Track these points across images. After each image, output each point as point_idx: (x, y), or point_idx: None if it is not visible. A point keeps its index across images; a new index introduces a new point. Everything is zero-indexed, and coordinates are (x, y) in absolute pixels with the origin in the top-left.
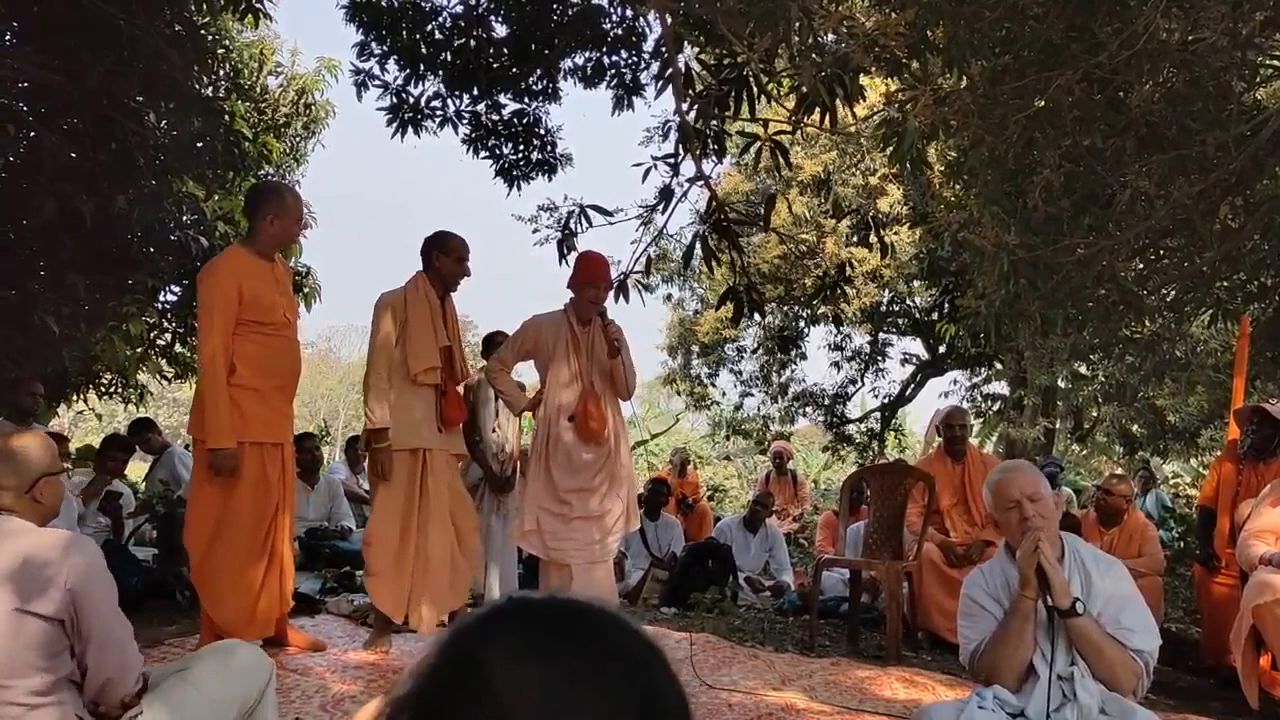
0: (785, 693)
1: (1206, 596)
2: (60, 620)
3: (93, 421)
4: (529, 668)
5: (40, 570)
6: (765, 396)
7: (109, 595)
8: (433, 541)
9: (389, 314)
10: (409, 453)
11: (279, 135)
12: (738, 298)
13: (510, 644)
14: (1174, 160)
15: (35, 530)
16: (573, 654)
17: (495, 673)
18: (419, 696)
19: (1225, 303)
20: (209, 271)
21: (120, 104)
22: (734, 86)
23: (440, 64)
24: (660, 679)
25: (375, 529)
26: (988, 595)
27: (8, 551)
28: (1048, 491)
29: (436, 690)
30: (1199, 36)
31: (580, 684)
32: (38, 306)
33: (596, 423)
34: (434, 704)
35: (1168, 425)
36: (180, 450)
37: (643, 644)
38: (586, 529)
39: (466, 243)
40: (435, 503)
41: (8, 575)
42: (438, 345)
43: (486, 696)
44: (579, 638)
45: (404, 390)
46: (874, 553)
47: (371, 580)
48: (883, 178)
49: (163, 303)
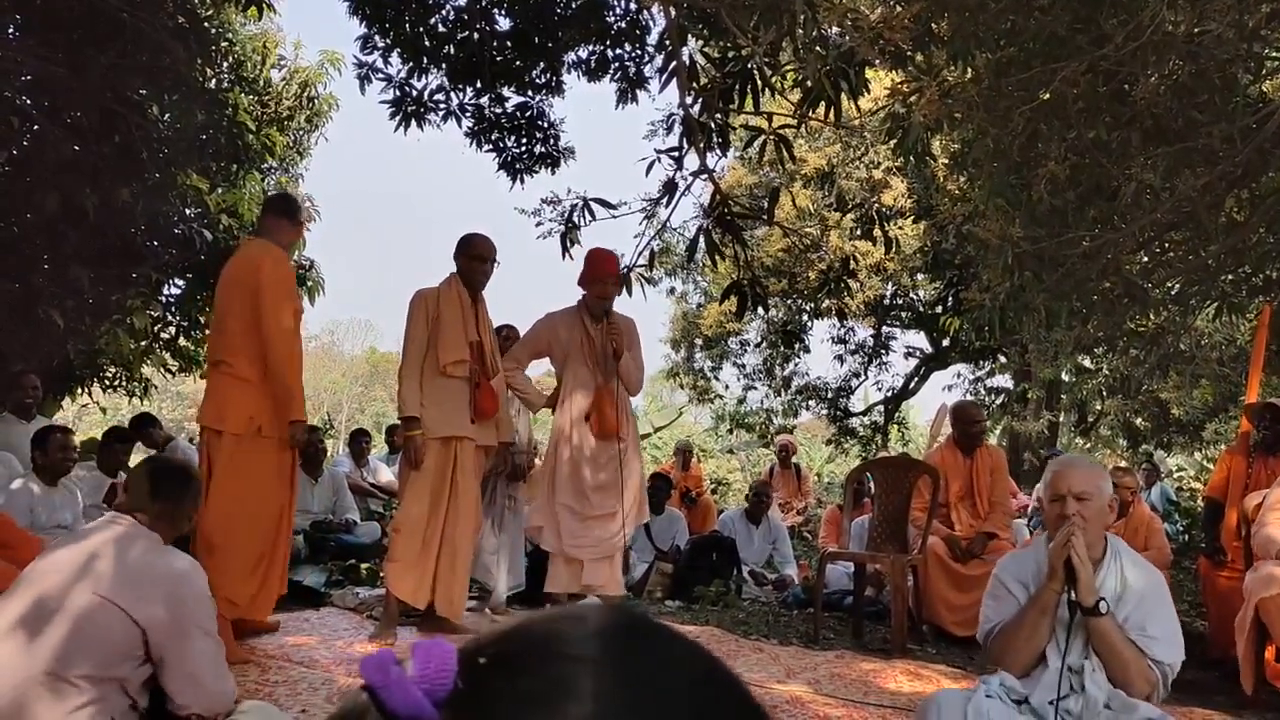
0: (790, 686)
1: (1212, 590)
2: (143, 629)
3: (97, 415)
4: (598, 683)
5: (147, 576)
6: (768, 390)
7: (205, 625)
8: (460, 529)
9: (422, 309)
10: (441, 441)
11: (282, 128)
12: (741, 291)
13: (585, 655)
14: (1179, 153)
15: (160, 545)
16: (636, 671)
17: (564, 681)
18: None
19: (1230, 296)
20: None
21: (124, 97)
22: (738, 80)
23: (443, 57)
24: (718, 699)
25: (404, 515)
26: (1016, 580)
27: (127, 551)
28: (1103, 492)
29: (507, 676)
30: (1205, 28)
31: (637, 705)
32: (42, 300)
33: (612, 421)
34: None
35: (1172, 419)
36: (184, 444)
37: (703, 663)
38: (603, 525)
39: (489, 242)
40: (465, 490)
41: (115, 570)
42: (466, 340)
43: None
44: (644, 655)
45: (436, 381)
46: (878, 546)
47: (392, 566)
48: (887, 171)
49: (166, 296)
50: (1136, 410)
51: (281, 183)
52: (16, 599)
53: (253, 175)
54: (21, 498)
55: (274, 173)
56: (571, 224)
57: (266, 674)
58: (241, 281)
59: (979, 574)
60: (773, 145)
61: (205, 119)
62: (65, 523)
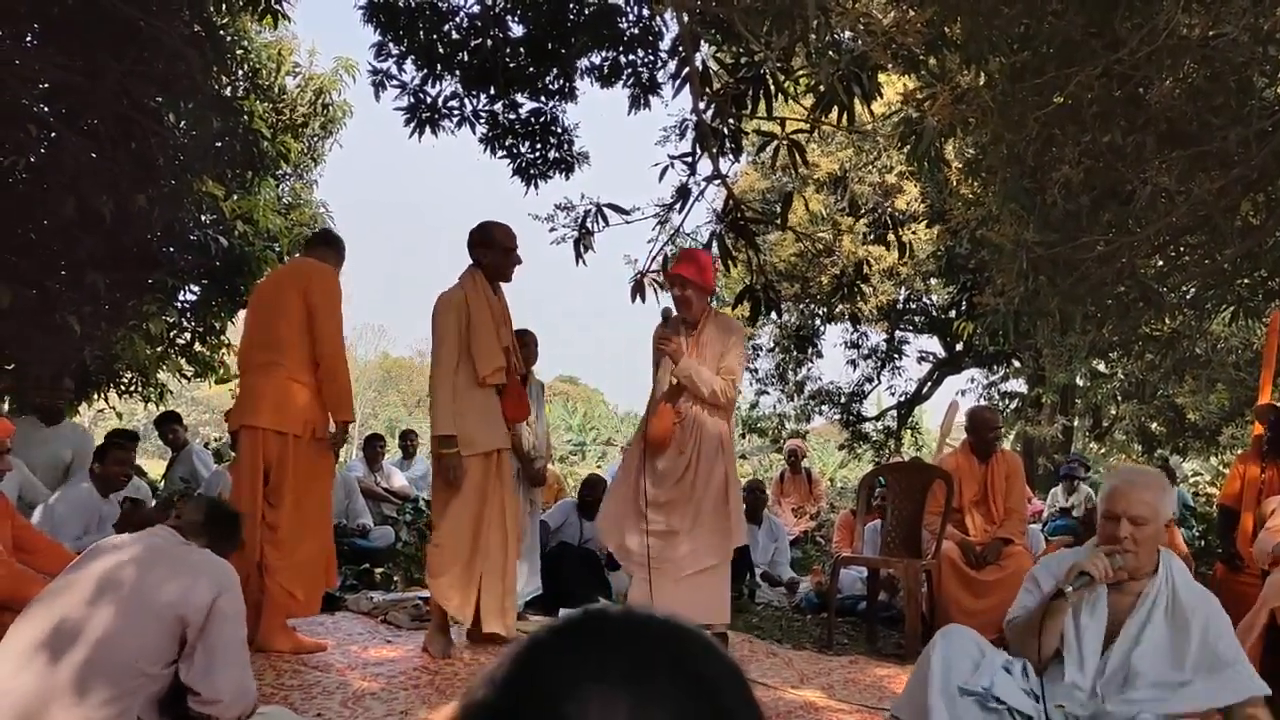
0: (804, 691)
1: (1229, 595)
2: (185, 625)
3: (113, 420)
4: (598, 689)
5: (187, 568)
6: (781, 395)
7: (236, 623)
8: (497, 541)
9: (453, 316)
10: (482, 456)
11: (297, 135)
12: (755, 296)
13: (581, 662)
14: (1194, 157)
15: (205, 552)
16: (639, 675)
17: (563, 692)
18: (489, 710)
19: (1246, 300)
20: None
21: (139, 104)
22: (751, 85)
23: (457, 64)
24: (733, 703)
25: (447, 533)
26: (1050, 578)
27: (164, 548)
28: (1160, 515)
29: (506, 705)
30: (1220, 31)
31: (648, 707)
32: (59, 305)
33: (660, 432)
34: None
35: (1187, 423)
36: (199, 449)
37: (719, 665)
38: (682, 540)
39: (510, 230)
40: (507, 502)
41: (155, 564)
42: (500, 345)
43: (556, 717)
44: (650, 658)
45: (473, 393)
46: (892, 551)
47: (436, 583)
48: (900, 175)
49: (182, 302)
50: (1152, 415)
51: (296, 189)
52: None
53: (268, 182)
54: (79, 501)
55: (288, 179)
56: (585, 229)
57: (281, 678)
58: (294, 286)
59: (993, 579)
60: (785, 150)
61: (220, 126)
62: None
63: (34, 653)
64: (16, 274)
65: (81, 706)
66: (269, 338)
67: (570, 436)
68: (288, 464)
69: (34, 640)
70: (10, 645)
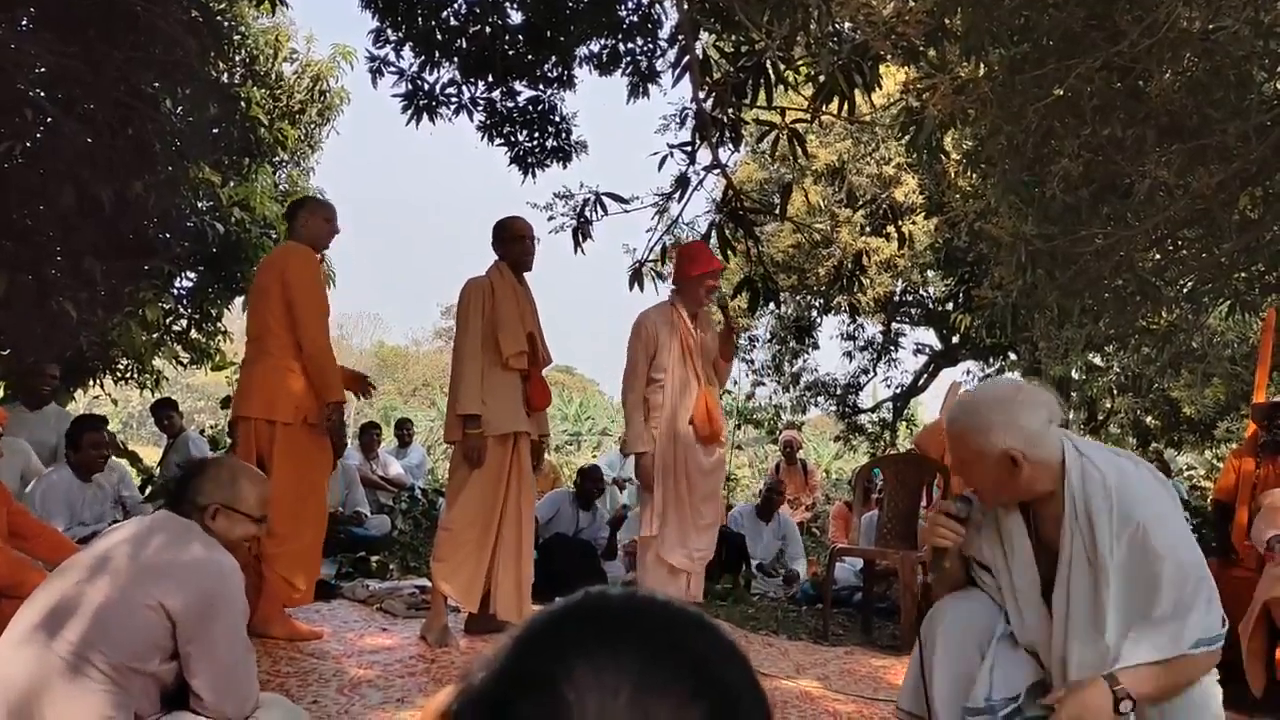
0: (800, 681)
1: (1224, 589)
2: (173, 620)
3: (109, 406)
4: (597, 672)
5: (179, 566)
6: (777, 386)
7: (235, 623)
8: (519, 528)
9: (478, 301)
10: (500, 438)
11: (294, 122)
12: (753, 286)
13: (580, 645)
14: (1194, 150)
15: (205, 539)
16: (642, 658)
17: (561, 676)
18: (486, 694)
19: (1243, 294)
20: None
21: (137, 90)
22: (751, 74)
23: (455, 51)
24: (735, 684)
25: (458, 515)
26: None
27: (161, 541)
28: (991, 443)
29: (503, 688)
30: (1220, 25)
31: (651, 691)
32: (55, 292)
33: (716, 423)
34: (500, 703)
35: (1183, 417)
36: (195, 435)
37: (722, 648)
38: (711, 534)
39: (525, 220)
40: (524, 487)
41: (147, 560)
42: (524, 330)
43: (554, 700)
44: (651, 641)
45: (496, 376)
46: (888, 542)
47: (439, 566)
48: (898, 167)
49: (179, 288)
50: (1147, 408)
51: (293, 176)
52: (43, 596)
53: (264, 169)
54: (60, 488)
55: (285, 166)
56: (583, 218)
57: (277, 664)
58: (273, 273)
59: None
60: (785, 140)
61: (218, 113)
62: (103, 519)
63: (31, 635)
64: (13, 260)
65: (78, 689)
66: (258, 328)
67: (566, 426)
68: (278, 450)
69: (32, 623)
70: (10, 631)
